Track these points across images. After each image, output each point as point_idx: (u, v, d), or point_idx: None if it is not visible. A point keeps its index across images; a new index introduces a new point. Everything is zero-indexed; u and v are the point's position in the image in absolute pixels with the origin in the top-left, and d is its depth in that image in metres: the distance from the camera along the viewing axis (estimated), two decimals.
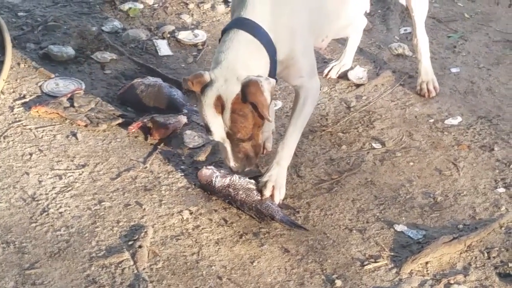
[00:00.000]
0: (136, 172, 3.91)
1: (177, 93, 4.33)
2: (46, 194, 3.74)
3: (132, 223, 3.61)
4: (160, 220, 3.64)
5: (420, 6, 4.44)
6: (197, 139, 4.11)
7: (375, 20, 5.22)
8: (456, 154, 4.11)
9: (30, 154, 3.97)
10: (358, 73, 4.67)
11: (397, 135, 4.23)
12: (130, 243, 3.50)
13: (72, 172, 3.88)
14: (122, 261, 3.42)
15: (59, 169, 3.89)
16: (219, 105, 3.46)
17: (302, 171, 3.96)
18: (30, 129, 4.14)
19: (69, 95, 4.30)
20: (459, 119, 4.35)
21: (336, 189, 3.86)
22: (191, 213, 3.68)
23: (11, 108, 4.28)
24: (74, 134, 4.12)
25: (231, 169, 3.62)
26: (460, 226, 3.66)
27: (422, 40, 4.51)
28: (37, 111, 4.21)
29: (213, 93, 3.46)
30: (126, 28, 5.04)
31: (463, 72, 4.75)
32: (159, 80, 4.40)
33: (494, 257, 3.49)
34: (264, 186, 3.68)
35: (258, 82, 3.41)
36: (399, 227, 3.66)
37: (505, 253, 3.50)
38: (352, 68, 4.69)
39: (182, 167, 3.95)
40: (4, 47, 4.68)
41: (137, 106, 4.31)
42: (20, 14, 5.08)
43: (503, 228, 3.63)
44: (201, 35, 4.99)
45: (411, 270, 3.43)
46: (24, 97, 4.36)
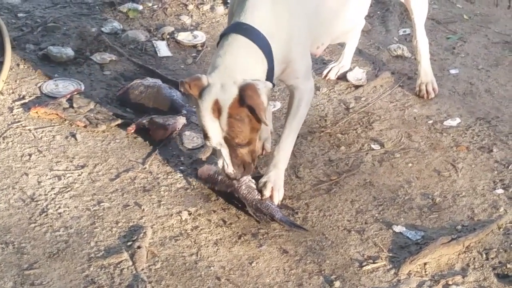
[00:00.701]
0: (135, 173, 3.91)
1: (176, 94, 4.33)
2: (45, 195, 3.75)
3: (131, 224, 3.62)
4: (159, 221, 3.64)
5: (420, 8, 4.44)
6: (196, 140, 4.11)
7: (374, 22, 5.22)
8: (455, 155, 4.11)
9: (29, 155, 3.98)
10: (357, 74, 4.67)
11: (396, 136, 4.23)
12: (129, 244, 3.50)
13: (71, 173, 3.88)
14: (121, 262, 3.42)
15: (58, 170, 3.90)
16: (216, 110, 3.45)
17: (301, 172, 3.96)
18: (30, 130, 4.14)
19: (69, 96, 4.30)
20: (458, 120, 4.35)
21: (335, 190, 3.86)
22: (190, 214, 3.68)
23: (11, 109, 4.28)
24: (73, 135, 4.12)
25: (228, 176, 3.59)
26: (459, 227, 3.66)
27: (422, 42, 4.51)
28: (37, 112, 4.21)
29: (211, 97, 3.45)
30: (126, 29, 5.04)
31: (462, 74, 4.75)
32: (159, 81, 4.40)
33: (493, 258, 3.49)
34: (264, 187, 3.69)
35: (255, 85, 3.41)
36: (398, 228, 3.66)
37: (504, 254, 3.50)
38: (351, 70, 4.69)
39: (181, 168, 3.95)
40: (4, 48, 4.68)
41: (136, 107, 4.31)
42: (20, 15, 5.08)
43: (502, 229, 3.63)
44: (201, 36, 5.00)
45: (410, 271, 3.43)
46: (24, 98, 4.37)
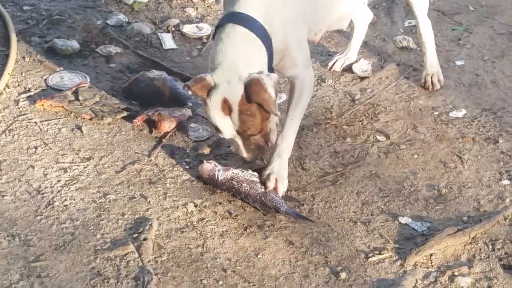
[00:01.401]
0: (141, 165, 3.91)
1: (182, 87, 4.33)
2: (51, 187, 3.75)
3: (137, 216, 3.62)
4: (165, 213, 3.64)
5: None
6: (202, 132, 4.12)
7: (380, 13, 5.21)
8: (461, 147, 4.10)
9: (35, 148, 3.98)
10: (363, 66, 4.67)
11: (402, 128, 4.23)
12: (135, 236, 3.50)
13: (77, 165, 3.89)
14: (127, 254, 3.43)
15: (64, 162, 3.90)
16: (226, 108, 3.47)
17: (307, 164, 3.96)
18: (35, 123, 4.15)
19: (74, 89, 4.30)
20: (464, 112, 4.34)
21: (341, 182, 3.86)
22: (196, 206, 3.68)
23: (16, 102, 4.28)
24: (79, 128, 4.12)
25: (245, 160, 3.67)
26: (465, 218, 3.66)
27: (427, 33, 4.49)
28: (42, 105, 4.22)
29: (219, 97, 3.47)
30: (131, 22, 5.03)
31: (468, 65, 4.74)
32: (164, 74, 4.40)
33: (499, 249, 3.49)
34: (267, 179, 3.68)
35: (260, 80, 3.41)
36: (404, 219, 3.66)
37: (510, 245, 3.50)
38: (357, 61, 4.68)
39: (187, 160, 3.96)
40: (9, 41, 4.68)
41: (142, 100, 4.31)
42: (25, 8, 5.08)
43: (508, 220, 3.63)
44: (206, 29, 4.99)
45: (416, 262, 3.43)
46: (29, 91, 4.37)
